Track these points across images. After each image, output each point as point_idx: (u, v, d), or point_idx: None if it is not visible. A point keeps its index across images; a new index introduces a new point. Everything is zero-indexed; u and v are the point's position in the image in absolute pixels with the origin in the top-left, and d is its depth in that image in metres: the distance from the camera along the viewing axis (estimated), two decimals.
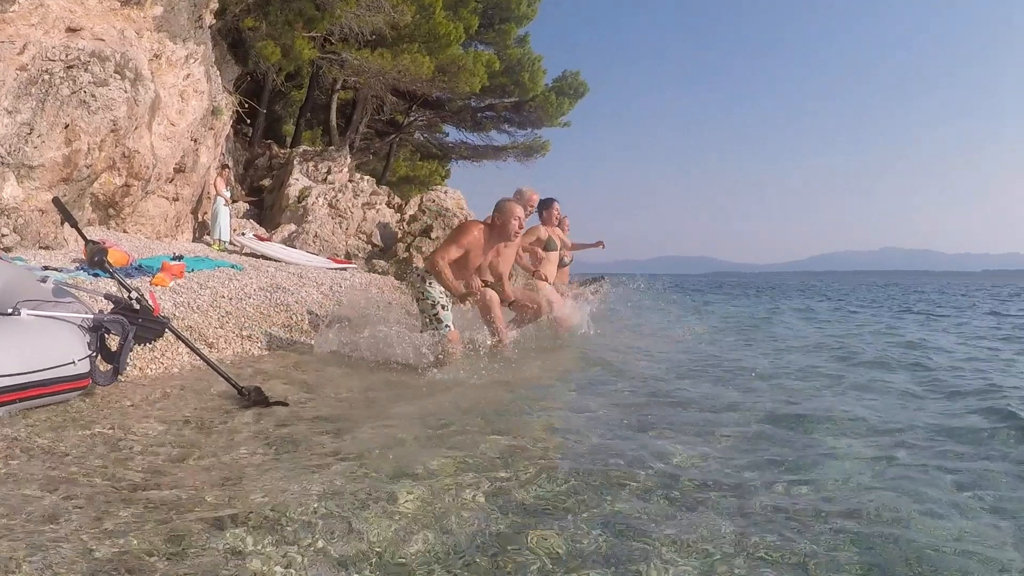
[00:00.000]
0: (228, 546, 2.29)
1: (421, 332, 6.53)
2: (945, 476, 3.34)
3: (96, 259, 4.60)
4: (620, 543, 2.43)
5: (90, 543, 2.25)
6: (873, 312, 19.28)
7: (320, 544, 2.34)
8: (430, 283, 6.43)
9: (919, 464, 3.52)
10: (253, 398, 4.52)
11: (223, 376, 4.66)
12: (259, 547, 2.29)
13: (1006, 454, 3.79)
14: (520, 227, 6.62)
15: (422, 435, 3.85)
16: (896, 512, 2.81)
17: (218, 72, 14.17)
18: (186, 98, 12.40)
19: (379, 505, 2.71)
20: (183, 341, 4.86)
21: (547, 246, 8.76)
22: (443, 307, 6.44)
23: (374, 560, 2.26)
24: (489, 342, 6.79)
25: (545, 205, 8.99)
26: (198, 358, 4.95)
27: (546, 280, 8.11)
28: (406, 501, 2.76)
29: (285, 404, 4.52)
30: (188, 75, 12.39)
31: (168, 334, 4.79)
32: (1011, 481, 3.32)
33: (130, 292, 4.59)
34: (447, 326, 6.37)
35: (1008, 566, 2.37)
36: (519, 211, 6.56)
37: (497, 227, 6.53)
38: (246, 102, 17.17)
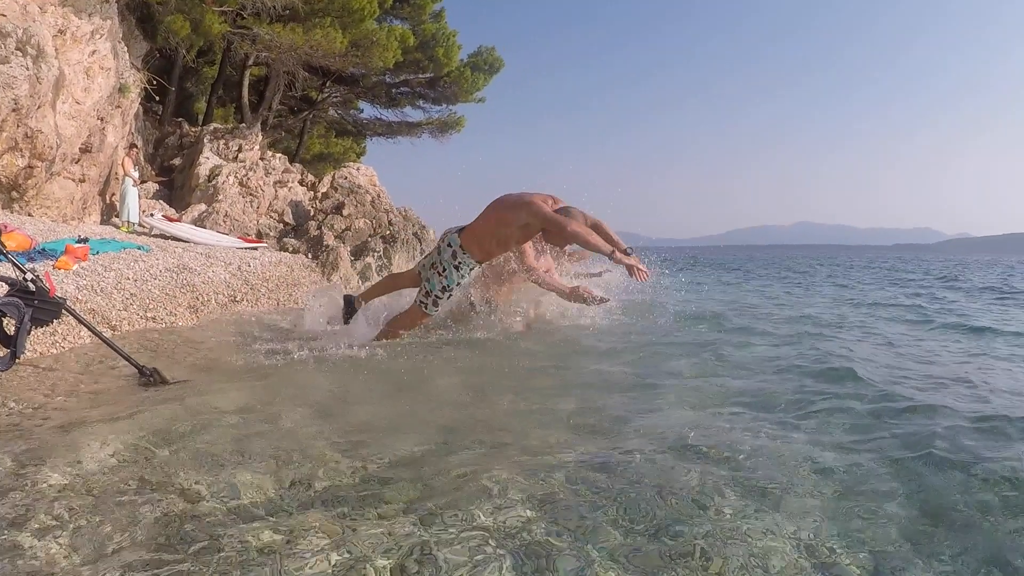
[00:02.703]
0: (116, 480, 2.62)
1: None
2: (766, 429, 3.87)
3: None
4: (459, 490, 2.82)
5: None
6: (769, 282, 20.22)
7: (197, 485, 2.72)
8: (458, 264, 6.26)
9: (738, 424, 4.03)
10: (153, 377, 4.70)
11: (123, 356, 4.82)
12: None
13: (840, 410, 4.29)
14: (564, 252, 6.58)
15: (304, 404, 4.19)
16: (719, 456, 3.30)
17: (125, 48, 13.94)
18: (92, 75, 12.25)
19: (241, 457, 3.11)
20: (81, 322, 4.99)
21: None
22: (448, 296, 6.40)
23: (232, 497, 2.65)
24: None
25: None
26: (100, 341, 5.07)
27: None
28: (269, 456, 3.15)
29: (185, 381, 4.72)
30: (94, 51, 12.23)
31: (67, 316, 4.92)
32: (828, 429, 3.89)
33: (25, 274, 4.67)
34: (434, 310, 6.40)
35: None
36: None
37: (553, 232, 6.09)
38: (155, 79, 16.91)
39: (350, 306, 6.81)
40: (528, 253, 6.62)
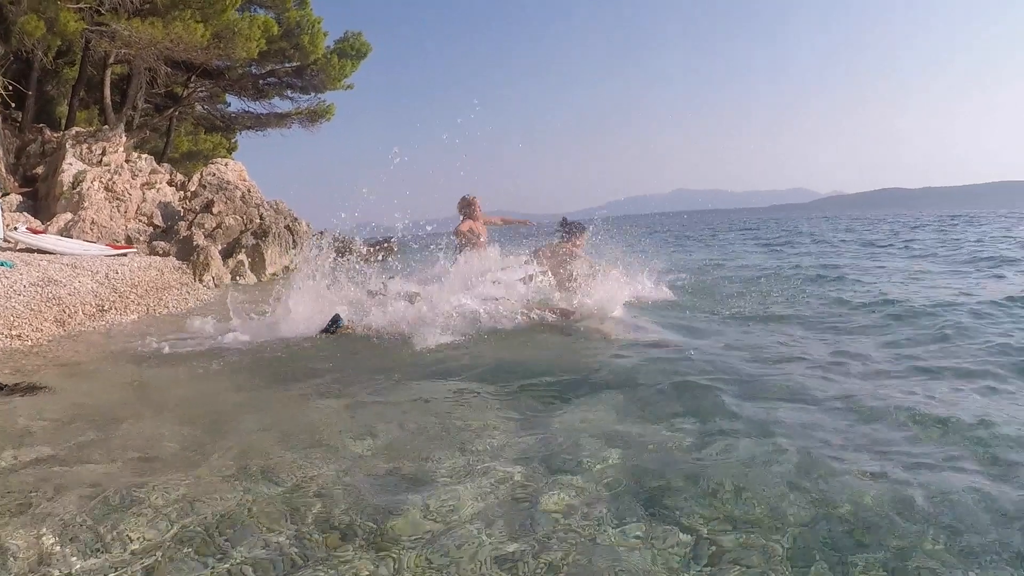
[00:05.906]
0: None
1: None
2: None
3: None
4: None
5: None
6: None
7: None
8: None
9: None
10: (15, 390, 5.02)
11: None
12: None
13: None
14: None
15: (148, 405, 4.80)
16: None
17: None
18: None
19: (85, 455, 3.67)
20: None
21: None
22: None
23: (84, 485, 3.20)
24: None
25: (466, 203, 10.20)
26: None
27: None
28: (119, 448, 3.74)
29: (45, 388, 5.07)
30: None
31: None
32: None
33: None
34: None
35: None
36: None
37: None
38: (11, 84, 16.58)
39: (333, 325, 7.00)
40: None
